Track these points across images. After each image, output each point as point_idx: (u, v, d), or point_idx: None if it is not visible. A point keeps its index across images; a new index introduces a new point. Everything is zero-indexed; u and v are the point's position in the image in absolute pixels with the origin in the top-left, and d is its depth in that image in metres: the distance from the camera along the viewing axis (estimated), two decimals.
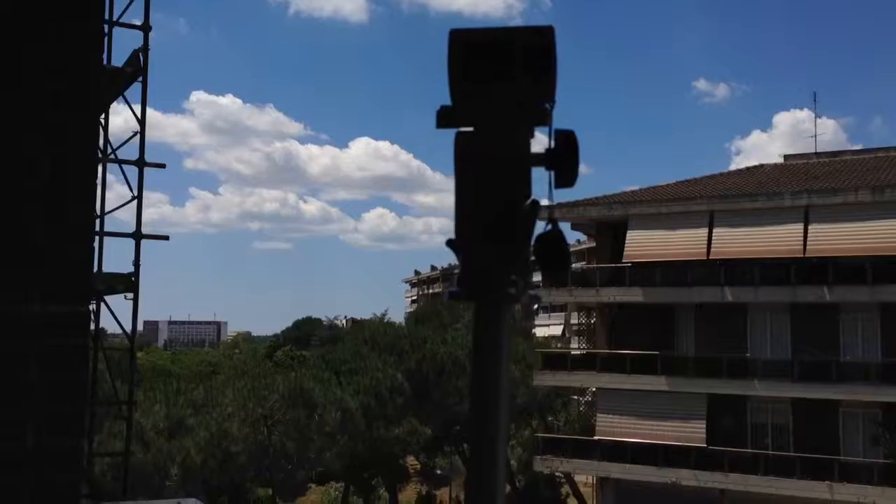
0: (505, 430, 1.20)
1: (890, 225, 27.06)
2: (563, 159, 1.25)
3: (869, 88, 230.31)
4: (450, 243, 1.26)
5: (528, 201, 1.25)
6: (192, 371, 59.95)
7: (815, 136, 36.92)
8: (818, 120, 38.45)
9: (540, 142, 1.26)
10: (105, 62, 13.38)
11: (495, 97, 1.27)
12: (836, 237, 27.91)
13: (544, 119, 1.26)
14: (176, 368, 62.23)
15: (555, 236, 1.25)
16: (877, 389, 26.89)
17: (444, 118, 1.30)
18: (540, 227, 1.25)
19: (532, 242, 1.25)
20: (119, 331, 15.15)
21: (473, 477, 1.21)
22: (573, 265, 30.08)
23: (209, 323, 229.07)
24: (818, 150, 35.91)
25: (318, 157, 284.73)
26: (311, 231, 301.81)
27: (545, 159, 1.26)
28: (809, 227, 28.38)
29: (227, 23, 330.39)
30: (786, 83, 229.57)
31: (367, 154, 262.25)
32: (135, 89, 14.10)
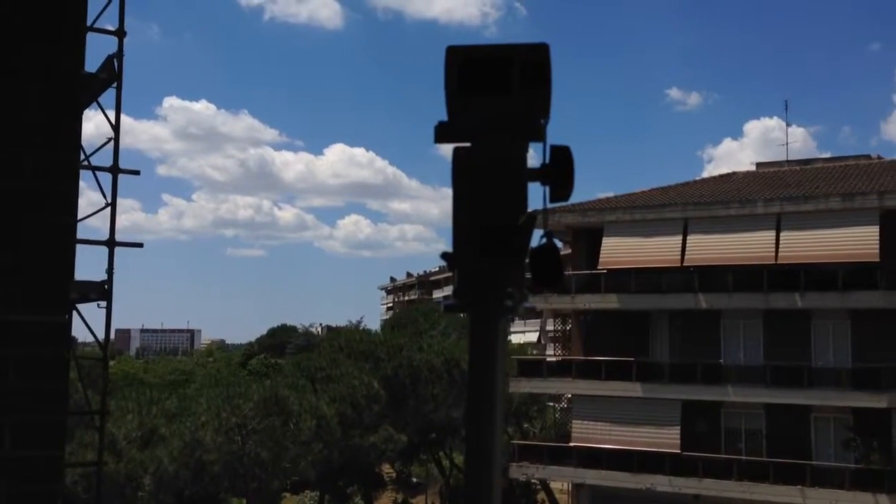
0: (500, 440, 1.21)
1: (860, 232, 27.46)
2: (559, 174, 1.27)
3: (838, 98, 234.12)
4: (444, 256, 1.28)
5: (525, 215, 1.27)
6: (165, 380, 59.44)
7: (787, 144, 37.46)
8: (788, 128, 38.93)
9: (536, 157, 1.28)
10: None
11: (491, 113, 1.29)
12: (807, 244, 28.28)
13: (539, 135, 1.29)
14: (148, 377, 61.63)
15: (549, 249, 1.27)
16: (847, 394, 27.24)
17: (442, 133, 1.31)
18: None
19: (527, 255, 1.26)
20: (90, 339, 14.98)
21: (470, 485, 1.22)
22: None
23: (182, 331, 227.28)
24: (789, 158, 36.41)
25: (292, 164, 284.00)
26: (285, 238, 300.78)
27: (541, 174, 1.28)
28: (781, 234, 28.74)
29: (201, 28, 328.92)
30: (756, 92, 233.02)
31: (342, 161, 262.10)
32: (108, 95, 13.99)
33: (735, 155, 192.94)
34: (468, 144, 1.30)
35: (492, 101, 1.30)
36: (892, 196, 27.64)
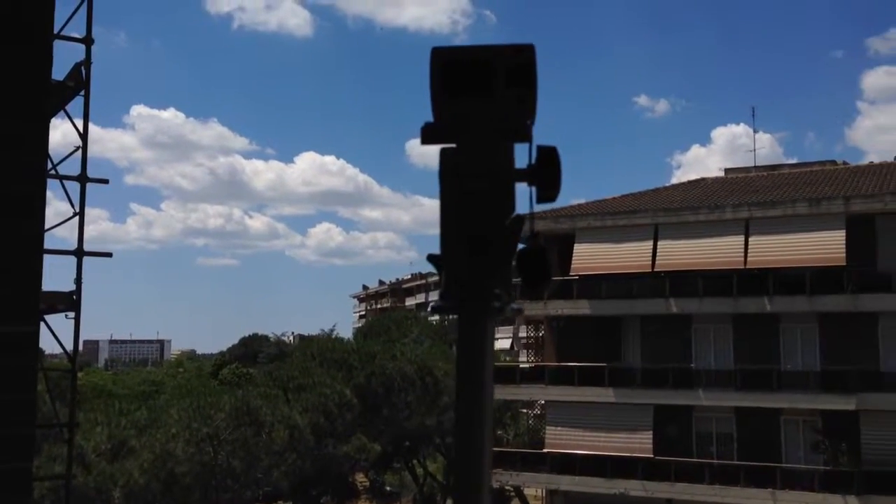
0: (490, 441, 1.20)
1: (826, 236, 27.86)
2: (546, 175, 1.26)
3: (803, 105, 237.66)
4: (431, 258, 1.27)
5: (512, 216, 1.26)
6: (135, 391, 58.69)
7: (754, 150, 38.02)
8: (756, 134, 39.52)
9: (522, 157, 1.27)
10: None
11: (477, 114, 1.28)
12: (775, 248, 28.63)
13: (526, 135, 1.28)
14: (118, 389, 60.83)
15: (537, 251, 1.27)
16: (816, 397, 27.58)
17: (428, 134, 1.30)
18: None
19: (514, 257, 1.26)
20: (58, 351, 14.76)
21: (460, 486, 1.21)
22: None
23: (152, 341, 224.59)
24: (757, 164, 36.90)
25: (263, 172, 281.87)
26: (256, 247, 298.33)
27: (528, 175, 1.27)
28: (750, 239, 29.07)
29: (169, 36, 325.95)
30: (722, 99, 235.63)
31: (313, 169, 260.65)
32: (75, 103, 13.83)
33: (703, 161, 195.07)
34: (454, 146, 1.29)
35: (478, 103, 1.29)
36: (857, 201, 28.09)
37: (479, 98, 1.29)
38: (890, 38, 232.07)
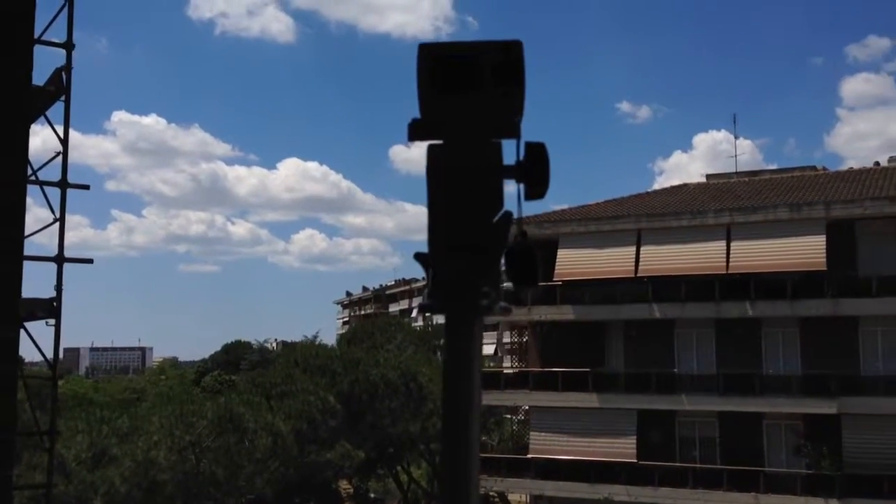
0: (477, 441, 1.19)
1: (807, 241, 28.07)
2: (534, 172, 1.25)
3: (783, 111, 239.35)
4: (418, 256, 1.25)
5: (500, 213, 1.25)
6: (116, 399, 58.20)
7: (736, 156, 38.24)
8: (736, 140, 39.80)
9: (510, 154, 1.26)
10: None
11: (465, 110, 1.27)
12: (757, 254, 28.81)
13: (514, 131, 1.27)
14: (99, 397, 60.31)
15: (525, 249, 1.26)
16: (798, 401, 27.74)
17: (416, 131, 1.29)
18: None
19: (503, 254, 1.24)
20: (38, 358, 14.63)
21: (448, 487, 1.20)
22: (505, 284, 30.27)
23: (133, 349, 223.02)
24: (738, 170, 37.14)
25: (245, 178, 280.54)
26: (239, 253, 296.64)
27: (516, 172, 1.26)
28: (732, 245, 29.24)
29: (151, 42, 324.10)
30: (703, 106, 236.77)
31: (296, 175, 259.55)
32: (55, 109, 13.74)
33: (685, 167, 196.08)
34: (441, 142, 1.28)
35: (465, 99, 1.28)
36: (837, 206, 28.34)
37: (466, 94, 1.28)
38: (868, 46, 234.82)
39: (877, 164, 34.87)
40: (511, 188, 1.24)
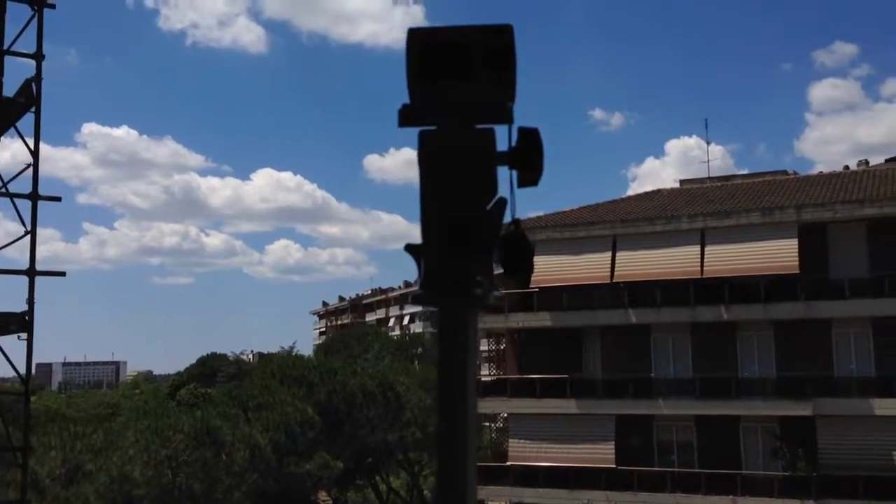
0: (473, 435, 1.16)
1: (780, 245, 28.34)
2: (527, 158, 1.23)
3: (753, 117, 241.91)
4: (409, 248, 1.22)
5: (494, 200, 1.22)
6: (90, 414, 57.40)
7: (708, 161, 38.63)
8: (708, 146, 40.18)
9: (502, 140, 1.24)
10: None
11: (455, 96, 1.24)
12: (730, 258, 29.05)
13: (507, 117, 1.24)
14: (72, 412, 59.44)
15: (518, 237, 1.23)
16: (773, 404, 27.95)
17: (406, 117, 1.26)
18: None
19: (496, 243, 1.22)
20: (10, 374, 14.41)
21: (442, 482, 1.17)
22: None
23: (107, 363, 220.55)
24: (710, 175, 37.48)
25: (219, 190, 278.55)
26: (213, 265, 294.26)
27: (508, 158, 1.24)
28: (706, 249, 29.46)
29: (122, 54, 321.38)
30: (675, 112, 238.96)
31: (270, 185, 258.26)
32: (25, 121, 13.58)
33: (658, 173, 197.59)
34: (433, 128, 1.25)
35: (456, 84, 1.25)
36: (809, 210, 28.64)
37: (457, 79, 1.25)
38: (835, 51, 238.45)
39: (846, 168, 35.35)
40: (503, 175, 1.22)
